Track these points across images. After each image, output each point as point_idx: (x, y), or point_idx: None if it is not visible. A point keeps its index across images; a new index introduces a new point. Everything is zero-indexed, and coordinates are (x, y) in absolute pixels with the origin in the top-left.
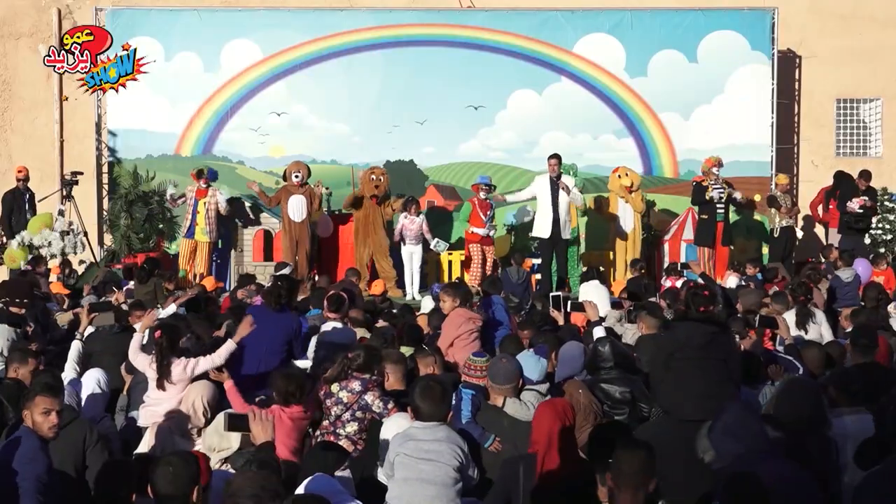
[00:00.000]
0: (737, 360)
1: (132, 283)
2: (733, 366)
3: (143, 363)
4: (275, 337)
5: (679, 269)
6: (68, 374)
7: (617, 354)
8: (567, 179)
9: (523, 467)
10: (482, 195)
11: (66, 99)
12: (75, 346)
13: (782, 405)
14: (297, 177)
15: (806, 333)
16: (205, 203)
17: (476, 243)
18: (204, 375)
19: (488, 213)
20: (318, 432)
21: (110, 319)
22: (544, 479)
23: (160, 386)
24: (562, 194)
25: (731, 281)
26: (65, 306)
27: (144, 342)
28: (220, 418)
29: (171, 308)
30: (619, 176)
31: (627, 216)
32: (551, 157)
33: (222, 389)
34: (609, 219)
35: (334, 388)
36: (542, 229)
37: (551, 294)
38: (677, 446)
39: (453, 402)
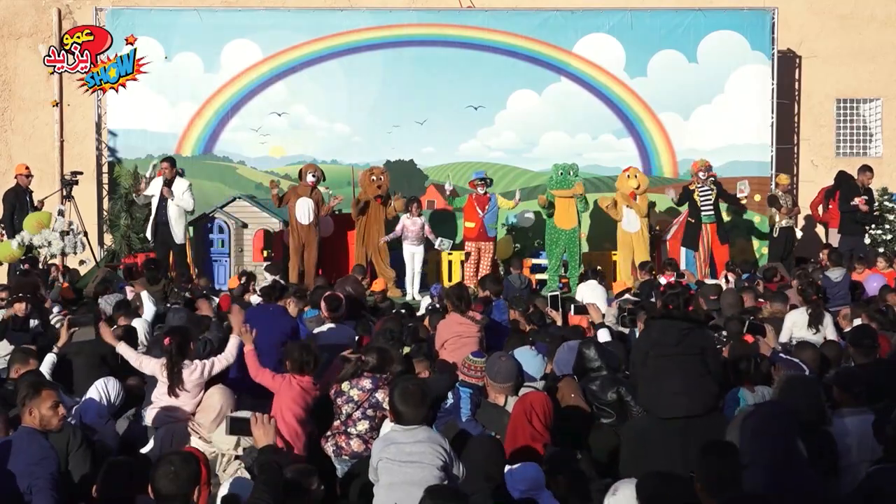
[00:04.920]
0: (715, 354)
1: (131, 283)
2: (712, 361)
3: (154, 368)
4: (270, 337)
5: (676, 277)
6: None
7: (602, 356)
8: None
9: None
10: (480, 190)
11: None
12: (48, 360)
13: (781, 400)
14: (314, 177)
15: (816, 334)
16: None
17: (472, 240)
18: (222, 378)
19: (487, 207)
20: (329, 432)
21: (90, 334)
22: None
23: (172, 393)
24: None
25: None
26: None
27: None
28: (222, 422)
29: (148, 306)
30: (629, 177)
31: (633, 218)
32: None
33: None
34: (612, 219)
35: (345, 386)
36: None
37: (549, 294)
38: (658, 443)
39: (451, 400)
